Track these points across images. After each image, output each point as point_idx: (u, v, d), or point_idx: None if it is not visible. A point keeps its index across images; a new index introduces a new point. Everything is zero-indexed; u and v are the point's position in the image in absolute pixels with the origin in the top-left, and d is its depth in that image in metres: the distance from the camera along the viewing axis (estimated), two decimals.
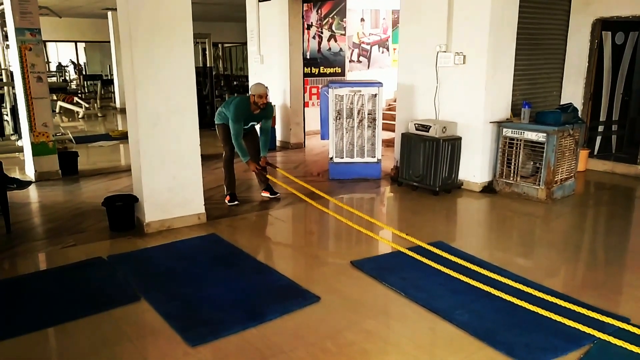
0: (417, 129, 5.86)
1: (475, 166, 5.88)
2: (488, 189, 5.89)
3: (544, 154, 5.36)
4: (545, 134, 5.34)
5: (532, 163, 5.55)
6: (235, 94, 5.48)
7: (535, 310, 3.07)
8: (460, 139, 5.82)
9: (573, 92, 6.90)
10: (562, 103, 6.58)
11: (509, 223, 5.14)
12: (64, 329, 3.02)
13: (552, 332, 2.89)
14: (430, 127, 5.70)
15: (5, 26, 6.88)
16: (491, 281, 3.48)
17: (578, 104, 6.65)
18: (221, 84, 14.55)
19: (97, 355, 2.74)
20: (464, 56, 5.73)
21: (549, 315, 3.01)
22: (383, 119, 6.53)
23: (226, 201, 5.43)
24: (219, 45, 17.71)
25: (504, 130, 5.69)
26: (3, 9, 6.71)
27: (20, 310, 3.23)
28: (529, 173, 5.60)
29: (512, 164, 5.66)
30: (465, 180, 5.97)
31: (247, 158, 5.26)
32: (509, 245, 4.48)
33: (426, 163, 5.74)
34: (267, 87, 5.33)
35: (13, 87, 7.96)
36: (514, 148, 5.61)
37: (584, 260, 4.18)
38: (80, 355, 2.75)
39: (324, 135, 6.63)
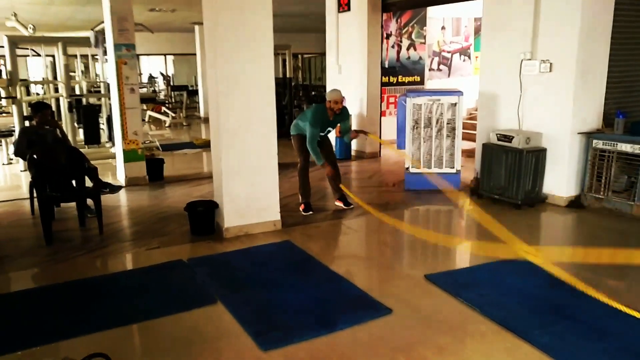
0: (499, 139, 5.64)
1: (561, 179, 5.55)
2: (575, 204, 5.54)
3: None
4: None
5: (626, 177, 5.16)
6: (313, 104, 5.61)
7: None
8: (545, 150, 5.53)
9: None
10: None
11: (598, 241, 4.79)
12: (146, 326, 3.19)
13: None
14: (513, 137, 5.46)
15: (105, 42, 7.43)
16: (577, 301, 3.27)
17: None
18: (300, 94, 14.82)
19: (176, 353, 2.87)
20: (551, 64, 5.45)
21: None
22: (464, 129, 6.34)
23: (300, 210, 5.51)
24: (299, 56, 18.10)
25: (595, 141, 5.33)
26: (103, 28, 7.27)
27: (109, 306, 3.45)
28: (622, 188, 5.20)
29: (603, 177, 5.28)
30: (550, 193, 5.65)
31: (322, 161, 5.34)
32: (598, 265, 4.17)
33: (508, 175, 5.50)
34: (343, 97, 5.40)
35: (109, 98, 8.58)
36: (606, 160, 5.25)
37: None
38: (161, 352, 2.90)
39: (400, 145, 6.55)
